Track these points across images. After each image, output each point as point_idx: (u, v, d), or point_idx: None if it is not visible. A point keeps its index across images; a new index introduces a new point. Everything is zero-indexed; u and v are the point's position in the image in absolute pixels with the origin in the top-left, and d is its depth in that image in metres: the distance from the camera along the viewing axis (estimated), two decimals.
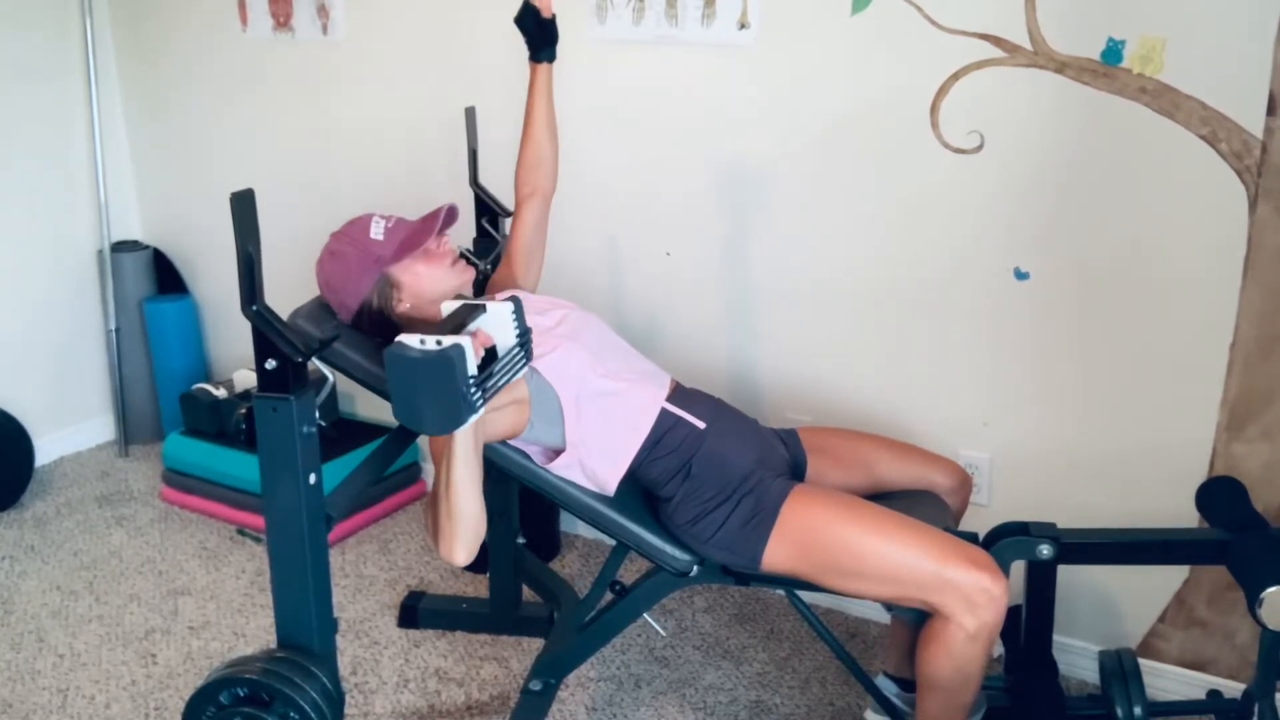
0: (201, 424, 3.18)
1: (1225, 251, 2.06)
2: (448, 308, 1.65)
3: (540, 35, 2.13)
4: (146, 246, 3.59)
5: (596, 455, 1.90)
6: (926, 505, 1.98)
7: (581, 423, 1.88)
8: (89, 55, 3.40)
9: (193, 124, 3.46)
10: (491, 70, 2.76)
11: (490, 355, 1.62)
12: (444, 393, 1.53)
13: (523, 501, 2.56)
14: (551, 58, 2.15)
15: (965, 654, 1.75)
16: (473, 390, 1.54)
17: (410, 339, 1.53)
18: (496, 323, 1.63)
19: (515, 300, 1.64)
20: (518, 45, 2.18)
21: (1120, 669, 1.91)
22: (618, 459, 1.91)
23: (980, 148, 2.25)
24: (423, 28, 2.90)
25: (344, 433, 3.15)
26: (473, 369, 1.54)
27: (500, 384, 1.62)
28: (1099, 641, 2.35)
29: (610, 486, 1.93)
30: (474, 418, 1.57)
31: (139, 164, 3.63)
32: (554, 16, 2.12)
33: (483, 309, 1.63)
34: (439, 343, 1.51)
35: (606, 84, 2.65)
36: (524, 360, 1.66)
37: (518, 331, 1.65)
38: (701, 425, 1.93)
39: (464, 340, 1.53)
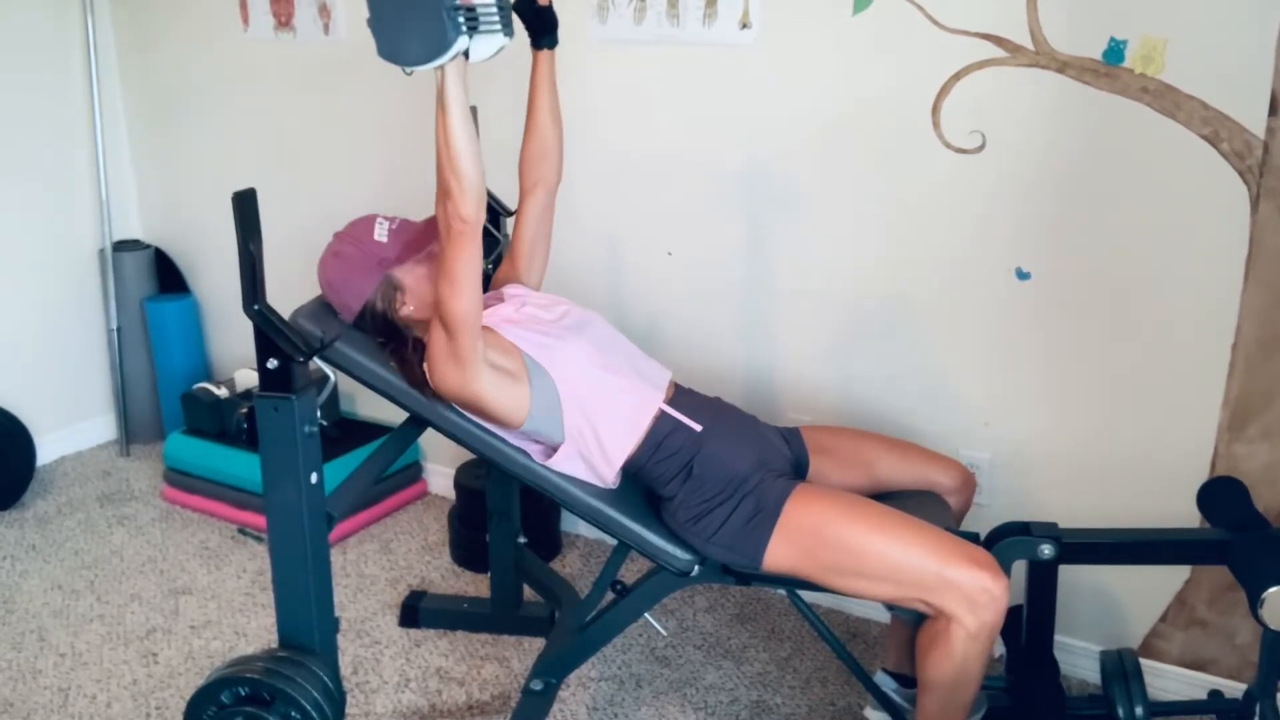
0: (203, 423, 3.18)
1: (1227, 252, 2.06)
2: None
3: (538, 22, 2.12)
4: (148, 246, 3.60)
5: (595, 446, 1.91)
6: (928, 505, 1.98)
7: (581, 414, 1.89)
8: (90, 54, 3.41)
9: (194, 123, 3.46)
10: (492, 70, 2.76)
11: (472, 12, 1.60)
12: (427, 14, 1.51)
13: (523, 501, 2.56)
14: (553, 44, 2.13)
15: (966, 654, 1.75)
16: (457, 14, 1.52)
17: None
18: None
19: None
20: (518, 45, 2.18)
21: (1121, 669, 1.91)
22: (617, 449, 1.91)
23: (982, 148, 2.25)
24: None
25: (345, 432, 3.15)
26: None
27: (483, 34, 1.59)
28: (1100, 641, 2.35)
29: (610, 478, 1.93)
30: (460, 43, 1.54)
31: (140, 163, 3.63)
32: (550, 3, 2.11)
33: None
34: None
35: (607, 84, 2.65)
36: (503, 24, 1.64)
37: None
38: (698, 428, 1.93)
39: None
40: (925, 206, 2.34)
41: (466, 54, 1.63)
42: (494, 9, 1.63)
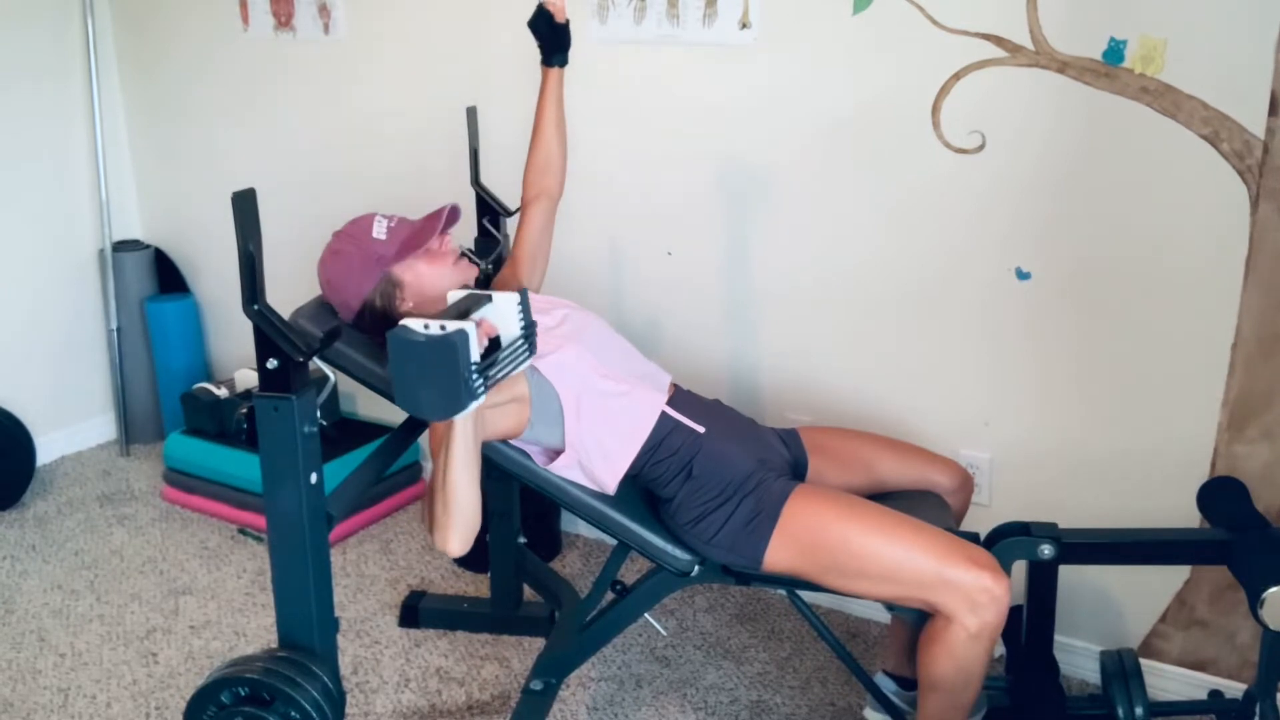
0: (203, 423, 3.18)
1: (1227, 251, 2.06)
2: (453, 296, 1.65)
3: (553, 39, 2.13)
4: (148, 246, 3.60)
5: (596, 456, 1.90)
6: (927, 505, 1.98)
7: (582, 423, 1.88)
8: (90, 54, 3.41)
9: (194, 123, 3.46)
10: (493, 70, 2.76)
11: (494, 345, 1.61)
12: (446, 377, 1.52)
13: (523, 501, 2.56)
14: (563, 62, 2.16)
15: (967, 654, 1.75)
16: (475, 377, 1.54)
17: (414, 323, 1.53)
18: (502, 313, 1.63)
19: (522, 292, 1.64)
20: (518, 46, 2.18)
21: (1121, 669, 1.91)
22: (617, 460, 1.91)
23: (981, 147, 2.25)
24: (424, 27, 2.90)
25: (345, 432, 3.15)
26: (475, 355, 1.54)
27: (502, 374, 1.62)
28: (1100, 641, 2.35)
29: (610, 487, 1.93)
30: (474, 404, 1.56)
31: (140, 163, 3.63)
32: (568, 22, 2.12)
33: (488, 299, 1.63)
34: (443, 327, 1.51)
35: (608, 84, 2.65)
36: (527, 353, 1.66)
37: (522, 324, 1.64)
38: (700, 430, 1.93)
39: (468, 325, 1.53)
40: (925, 206, 2.34)
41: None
42: (520, 343, 1.64)
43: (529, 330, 1.66)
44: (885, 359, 2.48)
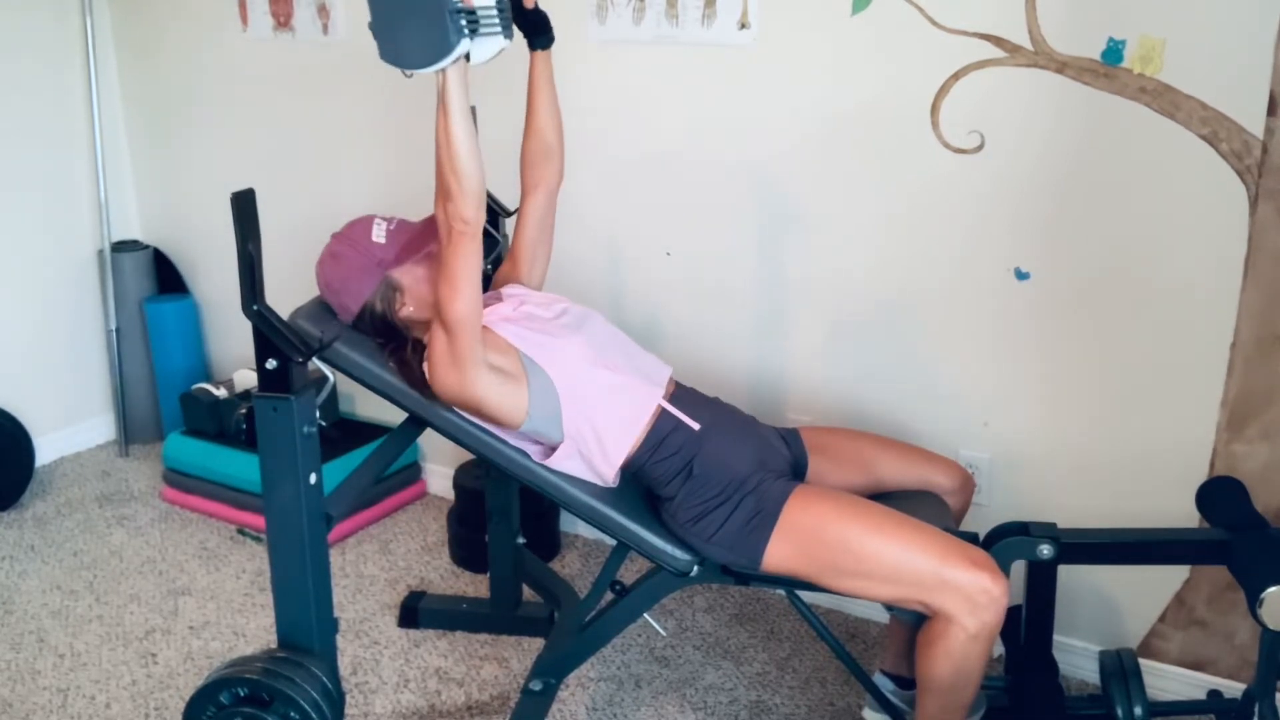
0: (202, 424, 3.18)
1: (1225, 252, 2.06)
2: None
3: (527, 25, 2.12)
4: (146, 246, 3.60)
5: (594, 445, 1.90)
6: (927, 505, 1.98)
7: (580, 412, 1.89)
8: (89, 55, 3.41)
9: (193, 124, 3.46)
10: (492, 69, 2.76)
11: (472, 15, 1.61)
12: (428, 14, 1.51)
13: (523, 501, 2.56)
14: (547, 44, 2.11)
15: (965, 654, 1.75)
16: (460, 17, 1.53)
17: None
18: None
19: None
20: (515, 47, 2.17)
21: (1120, 669, 1.92)
22: (616, 448, 1.91)
23: (981, 148, 2.25)
24: None
25: (344, 433, 3.15)
26: None
27: (483, 36, 1.61)
28: (1099, 641, 2.36)
29: (610, 477, 1.93)
30: (462, 45, 1.55)
31: (139, 164, 3.63)
32: (537, 5, 2.10)
33: None
34: None
35: (607, 84, 2.65)
36: (503, 27, 1.66)
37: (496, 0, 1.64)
38: (697, 427, 1.93)
39: None
40: (924, 206, 2.34)
41: (468, 56, 1.64)
42: (494, 11, 1.64)
43: (503, 8, 1.66)
44: (885, 359, 2.48)
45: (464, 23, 1.55)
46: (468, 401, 1.85)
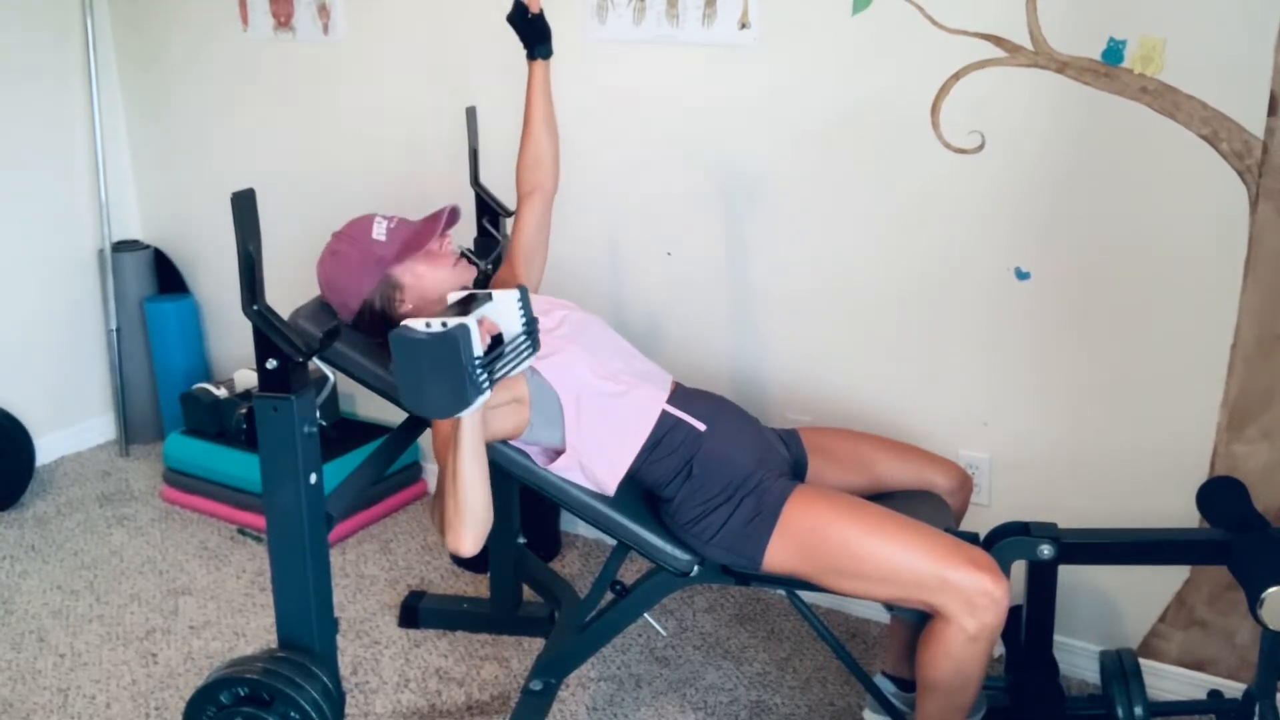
0: (202, 424, 3.18)
1: (1226, 251, 2.06)
2: (453, 296, 1.66)
3: (530, 32, 2.13)
4: (147, 246, 3.60)
5: (596, 457, 1.90)
6: (927, 505, 1.98)
7: (581, 425, 1.88)
8: (90, 55, 3.41)
9: (193, 124, 3.46)
10: (491, 70, 2.76)
11: (496, 343, 1.62)
12: (450, 373, 1.53)
13: (523, 501, 2.56)
14: (547, 54, 2.15)
15: (966, 655, 1.75)
16: (479, 371, 1.54)
17: (416, 323, 1.54)
18: (502, 311, 1.64)
19: (522, 289, 1.65)
20: (516, 44, 2.18)
21: (1121, 669, 1.91)
22: (617, 461, 1.91)
23: (981, 147, 2.25)
24: (423, 27, 2.90)
25: (345, 433, 3.15)
26: (478, 350, 1.54)
27: (507, 370, 1.63)
28: (1099, 641, 2.35)
29: (610, 487, 1.93)
30: (480, 399, 1.57)
31: (140, 163, 3.63)
32: (541, 12, 2.12)
33: (489, 297, 1.64)
34: (444, 324, 1.52)
35: (607, 84, 2.65)
36: (530, 349, 1.67)
37: (524, 320, 1.65)
38: (702, 427, 1.93)
39: (469, 320, 1.54)
40: (924, 206, 2.34)
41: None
42: (521, 338, 1.65)
43: (531, 327, 1.66)
44: (885, 359, 2.48)
45: (484, 379, 1.56)
46: None
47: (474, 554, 1.72)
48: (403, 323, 1.55)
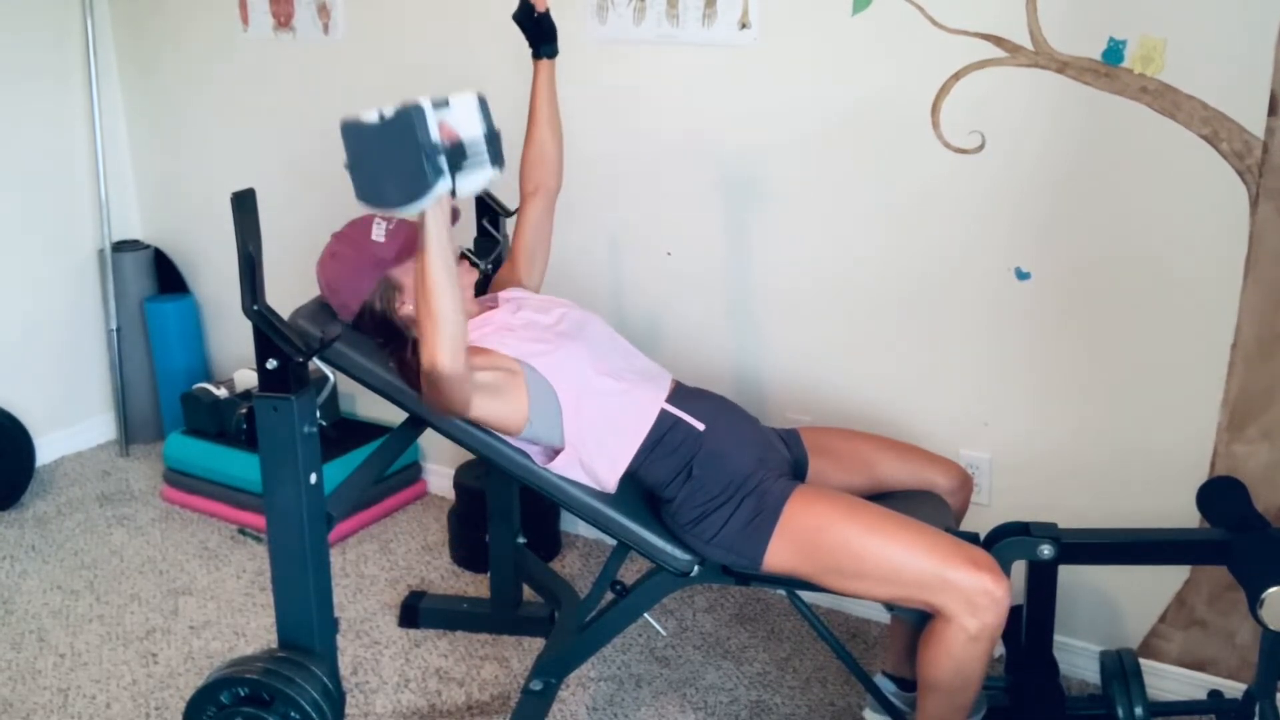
0: (202, 424, 3.18)
1: (1226, 251, 2.06)
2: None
3: (536, 30, 2.13)
4: (147, 246, 3.60)
5: (596, 454, 1.90)
6: (927, 505, 1.98)
7: (581, 421, 1.88)
8: (90, 55, 3.41)
9: (194, 123, 3.46)
10: (492, 70, 2.76)
11: (458, 148, 1.53)
12: (406, 158, 1.45)
13: (523, 501, 2.56)
14: (552, 54, 2.15)
15: (966, 655, 1.75)
16: (438, 157, 1.46)
17: (367, 111, 1.46)
18: (461, 116, 1.54)
19: (480, 96, 1.57)
20: (517, 44, 2.18)
21: (1121, 669, 1.92)
22: (617, 457, 1.91)
23: (981, 147, 2.25)
24: (423, 28, 2.90)
25: (345, 433, 3.15)
26: (435, 135, 1.46)
27: (469, 172, 1.52)
28: (1100, 641, 2.35)
29: (610, 484, 1.93)
30: (441, 185, 1.48)
31: (140, 163, 3.63)
32: (548, 11, 2.11)
33: (445, 102, 1.54)
34: (396, 110, 1.44)
35: (607, 84, 2.65)
36: (492, 159, 1.56)
37: (485, 127, 1.56)
38: (701, 427, 1.93)
39: (423, 101, 1.45)
40: (924, 206, 2.34)
41: (453, 191, 1.55)
42: (481, 144, 1.55)
43: (492, 137, 1.57)
44: (885, 359, 2.48)
45: (443, 162, 1.47)
46: (461, 419, 1.84)
47: (452, 369, 1.64)
48: (352, 114, 1.46)
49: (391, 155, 1.46)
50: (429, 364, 1.65)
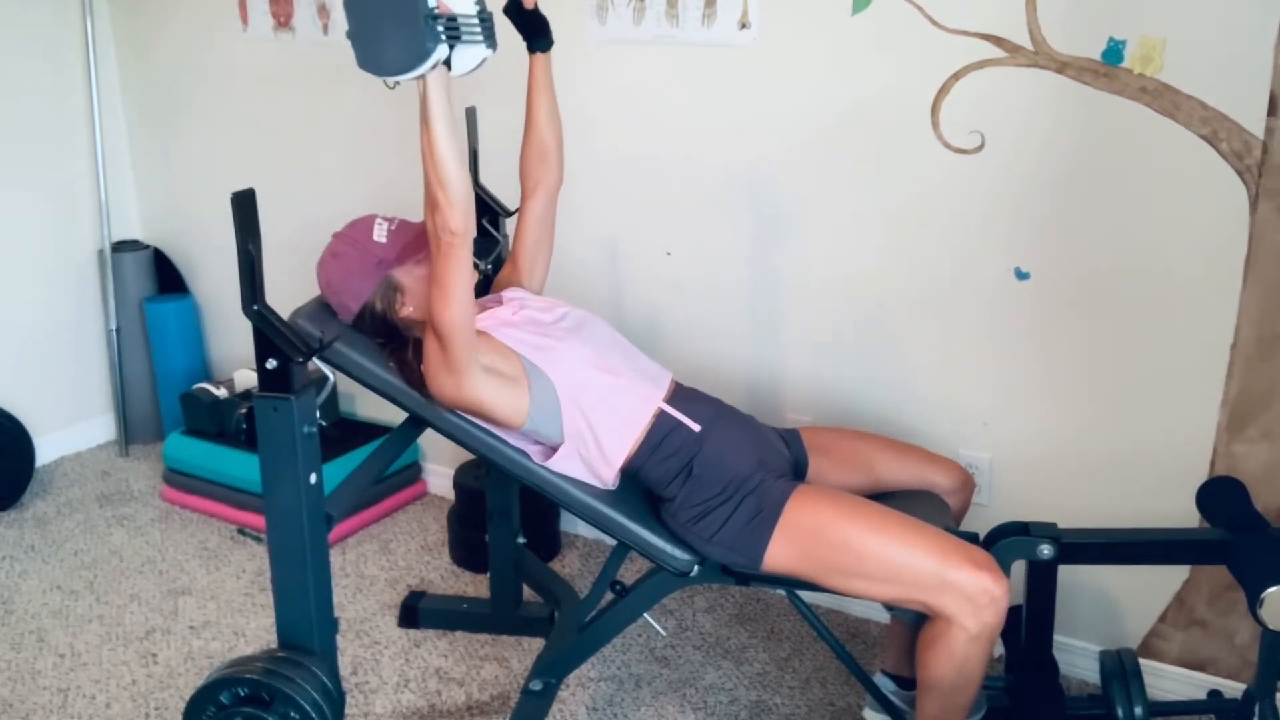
0: (202, 424, 3.18)
1: (1226, 251, 2.06)
2: None
3: (527, 24, 2.12)
4: (147, 246, 3.60)
5: (594, 447, 1.90)
6: (927, 505, 1.98)
7: (579, 416, 1.89)
8: (90, 55, 3.41)
9: (193, 123, 3.46)
10: (491, 70, 2.76)
11: (453, 23, 1.60)
12: (404, 19, 1.52)
13: (523, 501, 2.56)
14: (546, 47, 2.13)
15: (966, 655, 1.75)
16: (435, 23, 1.54)
17: None
18: None
19: None
20: (516, 44, 2.18)
21: (1121, 669, 1.91)
22: (616, 450, 1.91)
23: (981, 148, 2.25)
24: None
25: (344, 433, 3.15)
26: (432, 1, 1.54)
27: (465, 44, 1.61)
28: (1099, 641, 2.36)
29: (609, 479, 1.93)
30: (440, 51, 1.56)
31: (139, 163, 3.63)
32: (536, 5, 2.10)
33: None
34: None
35: (607, 84, 2.65)
36: (486, 36, 1.65)
37: (478, 7, 1.64)
38: (697, 429, 1.93)
39: None
40: (924, 206, 2.34)
41: (449, 64, 1.63)
42: (475, 19, 1.63)
43: (485, 16, 1.64)
44: (885, 359, 2.48)
45: (441, 28, 1.55)
46: (465, 404, 1.85)
47: (466, 230, 1.70)
48: None
49: (391, 21, 1.53)
50: (442, 227, 1.70)
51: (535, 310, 2.02)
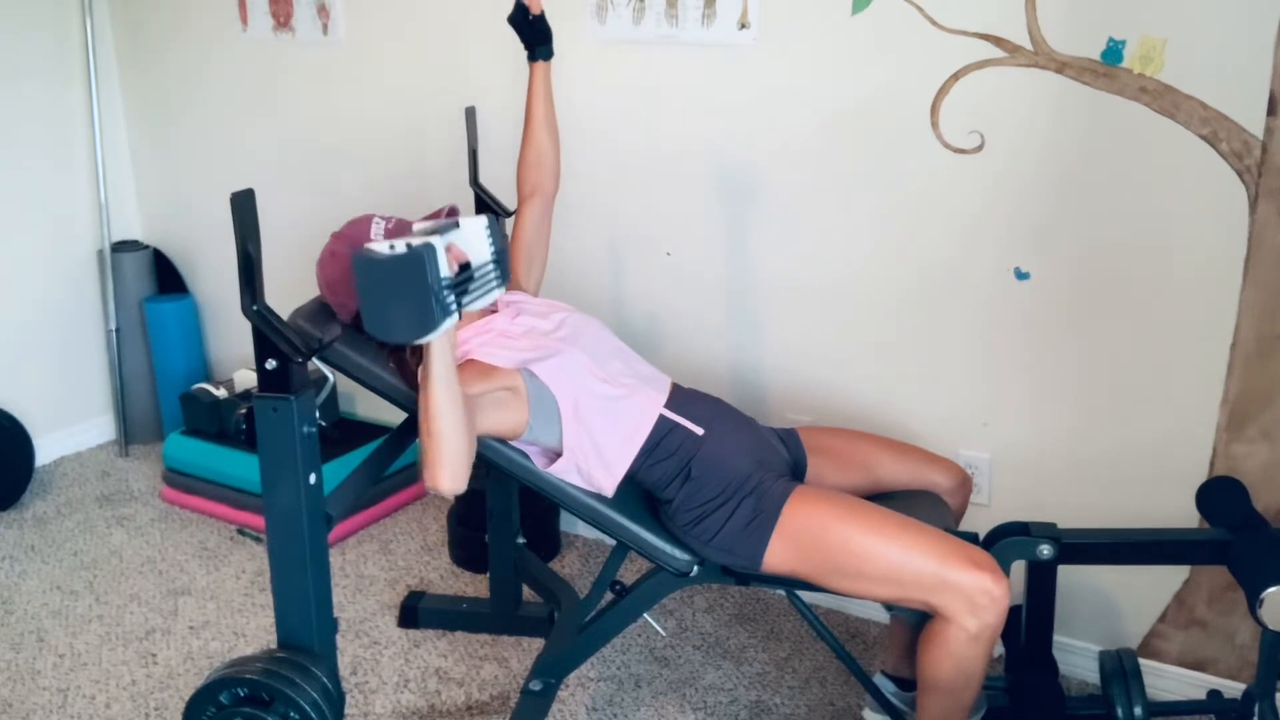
0: (202, 424, 3.18)
1: (1225, 251, 2.06)
2: (420, 225, 1.63)
3: (531, 33, 2.13)
4: (146, 246, 3.60)
5: (594, 460, 1.90)
6: (926, 505, 1.98)
7: (580, 427, 1.88)
8: (89, 55, 3.41)
9: (193, 124, 3.46)
10: (491, 70, 2.76)
11: (464, 271, 1.59)
12: (415, 294, 1.49)
13: (523, 501, 2.56)
14: (547, 56, 2.16)
15: (966, 655, 1.75)
16: (446, 293, 1.51)
17: (378, 244, 1.51)
18: (470, 238, 1.60)
19: (490, 217, 1.62)
20: (517, 44, 2.18)
21: (1120, 669, 1.92)
22: (615, 464, 1.91)
23: (981, 148, 2.25)
24: (422, 28, 2.90)
25: (344, 433, 3.15)
26: (445, 271, 1.51)
27: (476, 296, 1.59)
28: (1099, 641, 2.36)
29: (607, 490, 1.93)
30: (448, 322, 1.54)
31: (139, 164, 3.63)
32: (543, 14, 2.12)
33: (455, 224, 1.60)
34: (409, 245, 1.49)
35: (606, 84, 2.65)
36: (499, 279, 1.63)
37: (492, 248, 1.62)
38: (699, 432, 1.93)
39: (435, 240, 1.50)
40: (924, 206, 2.34)
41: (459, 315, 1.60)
42: (490, 266, 1.62)
43: (500, 257, 1.63)
44: (885, 359, 2.48)
45: (451, 300, 1.53)
46: None
47: (453, 490, 1.66)
48: (365, 245, 1.51)
49: (401, 290, 1.50)
50: (429, 483, 1.66)
51: (532, 316, 2.02)
